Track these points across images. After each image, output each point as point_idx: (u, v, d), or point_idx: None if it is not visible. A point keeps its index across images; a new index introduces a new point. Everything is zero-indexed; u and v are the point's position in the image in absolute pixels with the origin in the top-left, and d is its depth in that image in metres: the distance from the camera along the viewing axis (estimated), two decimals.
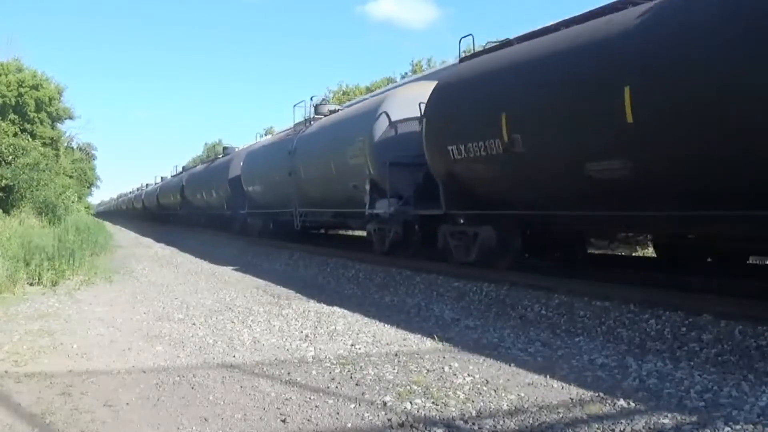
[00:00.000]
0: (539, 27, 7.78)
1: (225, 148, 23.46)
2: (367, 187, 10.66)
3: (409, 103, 10.18)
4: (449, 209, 8.66)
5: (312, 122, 14.60)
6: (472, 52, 9.20)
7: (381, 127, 10.47)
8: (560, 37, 6.94)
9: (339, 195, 12.19)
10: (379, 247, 11.27)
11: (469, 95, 8.12)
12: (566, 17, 7.31)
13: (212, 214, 24.33)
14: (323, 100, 16.91)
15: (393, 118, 10.46)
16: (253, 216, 18.71)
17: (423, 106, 9.19)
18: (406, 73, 38.73)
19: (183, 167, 36.74)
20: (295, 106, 15.95)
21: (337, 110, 14.55)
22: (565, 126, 6.45)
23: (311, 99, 15.25)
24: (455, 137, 8.09)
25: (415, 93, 10.30)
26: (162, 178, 41.42)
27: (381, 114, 10.55)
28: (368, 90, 36.53)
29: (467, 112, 8.07)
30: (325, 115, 14.42)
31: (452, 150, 8.12)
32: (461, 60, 9.26)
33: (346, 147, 11.37)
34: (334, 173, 11.99)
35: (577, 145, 6.39)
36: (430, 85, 9.40)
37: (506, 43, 8.24)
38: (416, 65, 41.02)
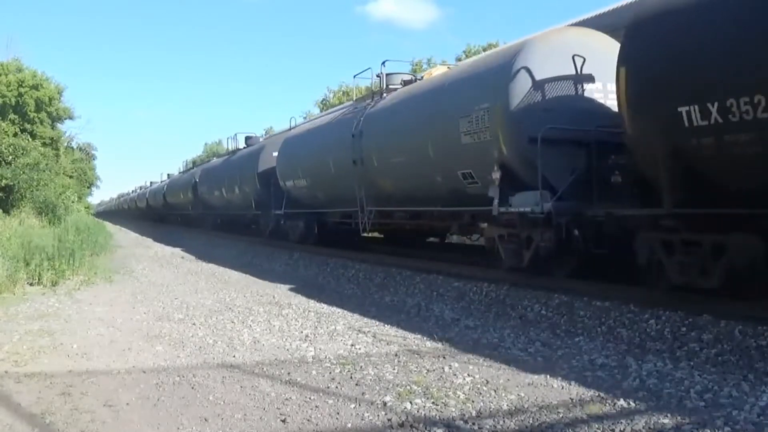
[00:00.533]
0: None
1: (248, 138, 20.12)
2: (497, 175, 7.64)
3: (558, 56, 7.50)
4: (678, 206, 5.67)
5: (384, 95, 11.25)
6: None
7: (521, 88, 7.37)
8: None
9: (438, 188, 9.17)
10: (511, 261, 7.97)
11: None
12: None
13: (235, 214, 20.93)
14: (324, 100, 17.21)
15: (537, 77, 7.39)
16: (293, 217, 15.39)
17: (580, 61, 7.35)
18: (406, 74, 38.72)
19: (193, 162, 35.02)
20: (355, 76, 12.72)
21: (417, 79, 11.31)
22: None
23: (383, 65, 11.70)
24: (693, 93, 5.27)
25: (567, 40, 7.73)
26: (168, 175, 38.44)
27: (519, 70, 7.43)
28: (368, 90, 36.41)
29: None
30: (403, 86, 11.17)
31: (688, 113, 5.26)
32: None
33: (455, 120, 8.22)
34: (432, 158, 8.90)
35: None
36: (589, 33, 7.75)
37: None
38: (416, 65, 41.06)
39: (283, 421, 3.60)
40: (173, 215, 33.85)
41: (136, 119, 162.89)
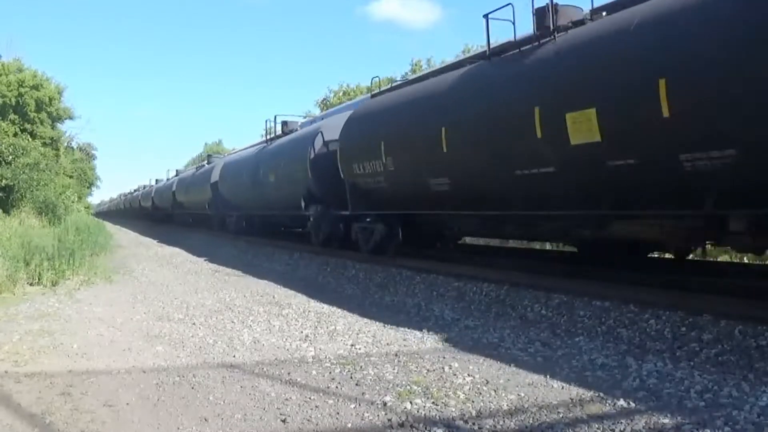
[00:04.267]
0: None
1: (284, 123, 17.51)
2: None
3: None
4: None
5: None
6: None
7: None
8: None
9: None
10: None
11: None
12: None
13: (269, 215, 18.53)
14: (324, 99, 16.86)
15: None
16: (364, 219, 13.27)
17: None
18: (406, 73, 38.80)
19: (208, 156, 31.61)
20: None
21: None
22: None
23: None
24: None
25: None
26: (177, 171, 36.63)
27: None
28: (368, 90, 36.45)
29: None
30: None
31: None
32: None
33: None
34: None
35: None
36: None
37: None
38: (416, 65, 41.06)
39: (283, 421, 3.60)
40: (184, 216, 30.51)
41: (135, 119, 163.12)
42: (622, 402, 3.73)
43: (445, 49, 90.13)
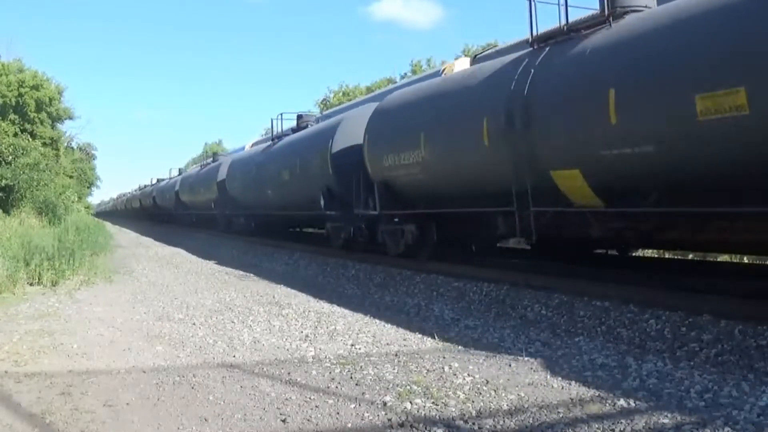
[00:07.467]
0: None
1: (300, 117, 16.22)
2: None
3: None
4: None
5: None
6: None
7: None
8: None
9: None
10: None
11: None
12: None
13: (283, 216, 17.07)
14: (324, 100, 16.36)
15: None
16: (391, 220, 11.79)
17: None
18: (405, 73, 38.82)
19: (214, 154, 29.90)
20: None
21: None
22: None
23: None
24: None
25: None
26: (180, 170, 35.90)
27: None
28: (368, 90, 36.53)
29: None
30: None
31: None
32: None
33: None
34: None
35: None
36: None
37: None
38: (416, 65, 41.09)
39: (283, 421, 3.60)
40: (188, 216, 28.72)
41: (135, 119, 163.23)
42: (622, 402, 3.73)
43: (446, 49, 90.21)
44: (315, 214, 13.16)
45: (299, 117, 16.10)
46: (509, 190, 7.29)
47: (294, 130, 15.87)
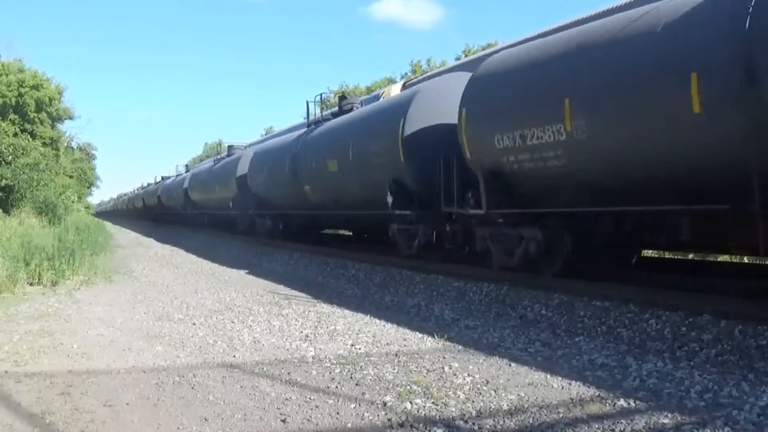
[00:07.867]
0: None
1: (342, 98, 13.81)
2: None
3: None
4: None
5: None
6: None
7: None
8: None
9: None
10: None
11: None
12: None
13: (321, 215, 14.32)
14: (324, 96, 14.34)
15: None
16: (509, 221, 8.97)
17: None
18: (405, 74, 38.82)
19: (228, 147, 25.37)
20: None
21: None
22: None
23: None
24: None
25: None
26: (187, 167, 34.30)
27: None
28: (368, 90, 36.56)
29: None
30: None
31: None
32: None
33: None
34: None
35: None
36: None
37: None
38: (416, 65, 41.09)
39: (283, 421, 3.60)
40: (200, 216, 25.60)
41: (136, 119, 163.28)
42: (622, 402, 3.73)
43: (446, 49, 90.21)
44: (376, 214, 10.62)
45: (342, 98, 13.81)
46: (735, 179, 5.10)
47: (335, 114, 13.47)
